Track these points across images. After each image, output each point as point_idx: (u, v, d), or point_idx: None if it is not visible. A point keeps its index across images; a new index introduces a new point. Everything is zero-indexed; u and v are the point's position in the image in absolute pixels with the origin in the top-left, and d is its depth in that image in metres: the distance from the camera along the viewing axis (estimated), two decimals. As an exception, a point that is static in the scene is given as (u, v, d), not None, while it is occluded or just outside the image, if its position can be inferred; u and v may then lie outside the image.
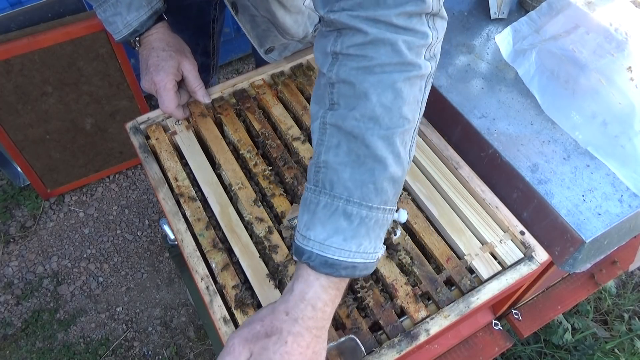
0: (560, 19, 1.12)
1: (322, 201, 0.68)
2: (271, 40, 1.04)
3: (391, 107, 0.67)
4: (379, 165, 0.67)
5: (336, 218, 0.67)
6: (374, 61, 0.66)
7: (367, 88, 0.66)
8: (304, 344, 0.67)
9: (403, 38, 0.66)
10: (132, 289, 2.04)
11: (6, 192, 2.23)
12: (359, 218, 0.67)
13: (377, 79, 0.66)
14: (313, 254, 0.68)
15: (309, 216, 0.69)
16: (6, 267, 2.06)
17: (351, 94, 0.67)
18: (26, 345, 1.90)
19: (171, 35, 1.07)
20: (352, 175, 0.67)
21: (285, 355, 0.66)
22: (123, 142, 2.13)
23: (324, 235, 0.67)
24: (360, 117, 0.67)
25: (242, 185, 1.02)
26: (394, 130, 0.67)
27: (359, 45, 0.67)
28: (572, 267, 0.96)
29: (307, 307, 0.68)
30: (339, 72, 0.68)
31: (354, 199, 0.67)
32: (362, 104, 0.67)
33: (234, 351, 0.67)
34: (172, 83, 1.03)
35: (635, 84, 1.01)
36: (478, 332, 1.27)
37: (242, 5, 0.94)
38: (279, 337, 0.67)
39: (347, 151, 0.68)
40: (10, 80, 1.71)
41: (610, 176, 0.99)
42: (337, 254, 0.67)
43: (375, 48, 0.66)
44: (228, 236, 0.95)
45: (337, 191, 0.67)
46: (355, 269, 0.69)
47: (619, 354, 1.77)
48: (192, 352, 1.90)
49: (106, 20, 1.02)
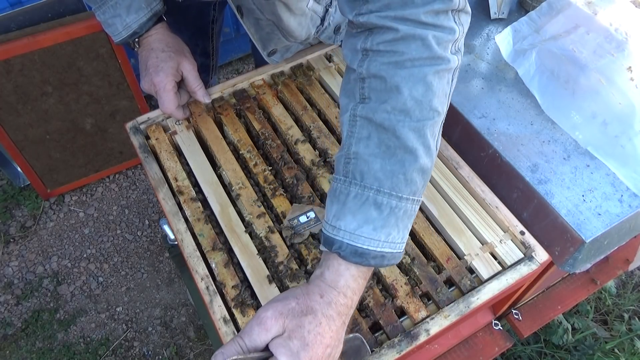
0: (560, 19, 1.12)
1: (352, 192, 0.69)
2: (274, 43, 1.06)
3: (422, 100, 0.68)
4: (410, 156, 0.69)
5: (366, 208, 0.68)
6: (405, 56, 0.68)
7: (399, 82, 0.68)
8: (334, 328, 0.68)
9: (432, 33, 0.68)
10: (132, 289, 2.04)
11: (6, 192, 2.23)
12: (389, 208, 0.68)
13: (408, 73, 0.68)
14: (343, 243, 0.69)
15: (339, 207, 0.70)
16: (6, 267, 2.06)
17: (382, 87, 0.69)
18: (26, 345, 1.90)
19: (170, 36, 1.07)
20: (383, 166, 0.68)
21: (318, 336, 0.66)
22: (123, 142, 2.13)
23: (354, 225, 0.68)
24: (392, 110, 0.68)
25: (242, 185, 1.02)
26: (425, 123, 0.69)
27: (389, 41, 0.69)
28: (572, 267, 0.96)
29: (340, 294, 0.70)
30: (370, 67, 0.70)
31: (384, 189, 0.68)
32: (394, 97, 0.68)
33: (265, 323, 0.66)
34: (171, 84, 1.03)
35: (635, 84, 1.01)
36: (478, 332, 1.27)
37: (248, 9, 0.96)
38: (314, 317, 0.67)
39: (377, 143, 0.69)
40: (10, 80, 1.71)
41: (610, 176, 0.99)
42: (367, 244, 0.68)
43: (406, 43, 0.68)
44: (228, 236, 0.95)
45: (367, 182, 0.69)
46: (383, 258, 0.70)
47: (619, 354, 1.77)
48: (192, 352, 1.90)
49: (105, 22, 1.03)
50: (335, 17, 1.10)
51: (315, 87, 1.18)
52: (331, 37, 1.16)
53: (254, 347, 0.66)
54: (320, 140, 1.09)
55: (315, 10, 1.04)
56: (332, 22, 1.10)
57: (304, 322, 0.67)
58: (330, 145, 1.08)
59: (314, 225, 0.96)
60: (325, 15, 1.07)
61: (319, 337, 0.67)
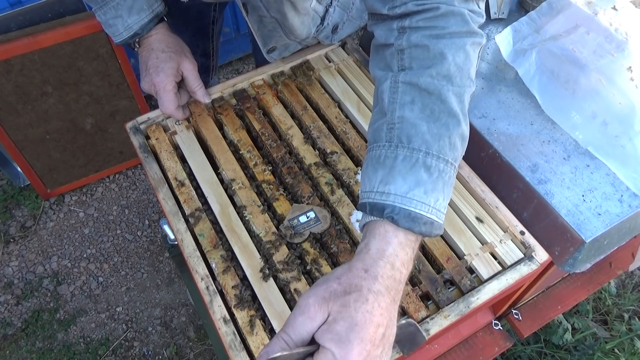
0: (560, 19, 1.12)
1: (400, 154, 0.68)
2: (275, 41, 1.07)
3: (462, 67, 0.72)
4: (453, 120, 0.70)
5: (417, 170, 0.68)
6: (445, 30, 0.72)
7: (442, 48, 0.71)
8: (383, 305, 0.62)
9: (467, 12, 0.73)
10: (132, 289, 2.04)
11: (6, 192, 2.23)
12: (438, 171, 0.68)
13: (450, 42, 0.72)
14: (396, 207, 0.66)
15: (386, 171, 0.68)
16: (6, 267, 2.06)
17: (425, 55, 0.72)
18: (26, 345, 1.90)
19: (171, 36, 1.07)
20: (430, 128, 0.69)
21: (366, 314, 0.59)
22: (123, 142, 2.13)
23: (405, 188, 0.67)
24: (436, 75, 0.70)
25: (242, 185, 1.02)
26: (464, 89, 0.72)
27: (429, 18, 0.72)
28: (572, 267, 0.96)
29: (387, 265, 0.64)
30: (410, 39, 0.73)
31: (432, 151, 0.68)
32: (438, 62, 0.71)
33: (308, 310, 0.60)
34: (172, 85, 1.04)
35: (635, 84, 1.01)
36: (478, 332, 1.27)
37: (253, 6, 0.98)
38: (359, 295, 0.60)
39: (422, 107, 0.70)
40: (10, 80, 1.71)
41: (610, 176, 0.99)
42: (418, 207, 0.66)
43: (446, 19, 0.72)
44: (228, 236, 0.95)
45: (415, 144, 0.68)
46: (432, 225, 0.68)
47: (619, 354, 1.77)
48: (192, 352, 1.90)
49: (106, 22, 1.02)
50: (334, 17, 1.11)
51: (315, 87, 1.18)
52: (329, 37, 1.17)
53: (300, 339, 0.60)
54: (320, 140, 1.09)
55: (317, 10, 1.05)
56: (331, 21, 1.11)
57: (349, 301, 0.60)
58: (330, 145, 1.08)
59: (314, 225, 0.96)
60: (325, 15, 1.08)
61: (367, 315, 0.60)
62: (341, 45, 1.26)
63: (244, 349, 0.82)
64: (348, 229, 0.97)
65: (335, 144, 1.09)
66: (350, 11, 1.13)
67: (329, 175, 1.04)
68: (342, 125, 1.12)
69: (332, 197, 1.01)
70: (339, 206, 0.99)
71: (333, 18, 1.11)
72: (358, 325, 0.59)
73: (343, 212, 0.98)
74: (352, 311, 0.59)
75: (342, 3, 1.09)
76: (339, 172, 1.05)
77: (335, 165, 1.06)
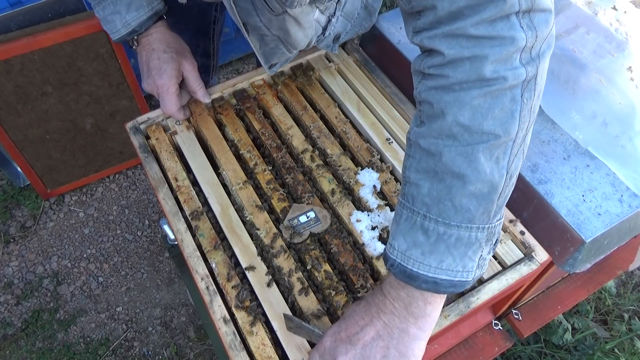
0: (560, 19, 1.12)
1: (404, 214, 0.71)
2: (277, 57, 1.06)
3: (469, 125, 0.65)
4: (458, 182, 0.66)
5: (415, 231, 0.69)
6: (451, 80, 0.65)
7: (444, 107, 0.66)
8: (376, 321, 0.73)
9: (484, 52, 0.62)
10: (132, 289, 2.03)
11: (6, 192, 2.23)
12: (436, 234, 0.68)
13: (453, 98, 0.65)
14: (395, 262, 0.71)
15: (395, 227, 0.72)
16: (6, 267, 2.06)
17: (431, 113, 0.68)
18: (26, 345, 1.90)
19: (171, 35, 1.06)
20: (430, 191, 0.68)
21: (353, 313, 0.76)
22: (123, 142, 2.13)
23: (404, 247, 0.70)
24: (438, 135, 0.67)
25: (242, 186, 1.02)
26: (475, 147, 0.65)
27: (437, 65, 0.66)
28: (572, 267, 0.96)
29: (381, 294, 0.74)
30: (421, 91, 0.70)
31: (431, 215, 0.68)
32: (439, 122, 0.67)
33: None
34: (174, 87, 1.04)
35: (635, 84, 1.01)
36: (478, 332, 1.27)
37: (253, 27, 0.95)
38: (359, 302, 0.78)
39: (425, 167, 0.69)
40: (10, 80, 1.71)
41: (610, 176, 0.99)
42: (416, 267, 0.69)
43: (453, 67, 0.65)
44: (228, 236, 0.95)
45: (417, 206, 0.69)
46: (438, 285, 0.69)
47: (619, 354, 1.77)
48: (192, 352, 1.90)
49: (104, 18, 1.02)
50: (336, 27, 1.09)
51: (315, 87, 1.18)
52: (329, 46, 1.15)
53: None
54: (320, 140, 1.09)
55: (319, 21, 1.03)
56: (333, 31, 1.09)
57: (353, 307, 0.77)
58: (330, 145, 1.08)
59: (314, 225, 0.96)
60: (327, 25, 1.07)
61: (352, 313, 0.76)
62: (341, 45, 1.26)
63: (244, 349, 0.82)
64: (348, 229, 0.97)
65: (335, 144, 1.09)
66: (354, 20, 1.11)
67: (329, 175, 1.04)
68: (342, 125, 1.12)
69: (332, 197, 1.01)
70: (339, 206, 0.99)
71: (336, 28, 1.09)
72: (345, 316, 0.77)
73: (343, 212, 0.98)
74: (347, 311, 0.78)
75: (345, 13, 1.07)
76: (339, 172, 1.05)
77: (335, 165, 1.06)
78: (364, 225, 0.96)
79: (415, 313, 0.71)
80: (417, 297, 0.71)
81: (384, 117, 1.13)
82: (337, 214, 0.99)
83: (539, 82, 0.67)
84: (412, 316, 0.71)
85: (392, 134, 1.11)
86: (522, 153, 0.69)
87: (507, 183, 0.68)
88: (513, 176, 0.69)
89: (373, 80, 1.20)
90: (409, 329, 0.72)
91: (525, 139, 0.68)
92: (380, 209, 0.99)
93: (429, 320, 0.72)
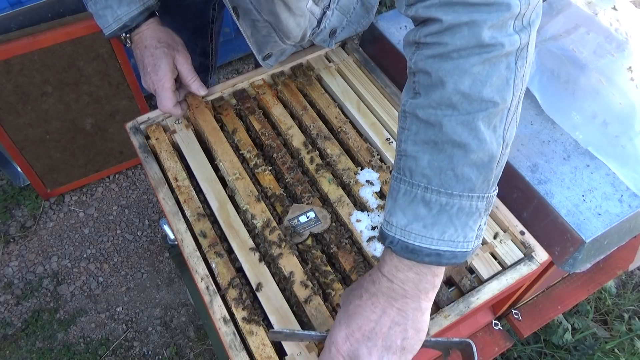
0: (560, 19, 1.12)
1: (402, 188, 0.70)
2: (270, 47, 1.05)
3: (469, 93, 0.65)
4: (459, 151, 0.66)
5: (415, 205, 0.68)
6: (449, 47, 0.65)
7: (443, 76, 0.65)
8: (377, 305, 0.71)
9: (481, 17, 0.63)
10: (132, 289, 2.03)
11: (6, 192, 2.23)
12: (439, 205, 0.67)
13: (453, 66, 0.65)
14: (395, 239, 0.69)
15: (392, 203, 0.71)
16: (6, 267, 2.06)
17: (428, 82, 0.67)
18: (26, 345, 1.90)
19: (162, 30, 1.05)
20: (431, 162, 0.67)
21: (357, 308, 0.72)
22: (123, 142, 2.13)
23: (404, 222, 0.69)
24: (437, 105, 0.66)
25: (239, 176, 1.02)
26: (475, 115, 0.65)
27: (435, 33, 0.66)
28: (572, 267, 0.96)
29: (383, 277, 0.71)
30: (417, 61, 0.69)
31: (432, 186, 0.67)
32: (439, 91, 0.66)
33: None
34: (170, 82, 1.03)
35: (635, 84, 1.01)
36: (478, 332, 1.27)
37: (244, 10, 0.94)
38: (358, 290, 0.74)
39: (424, 139, 0.68)
40: (10, 80, 1.71)
41: (610, 176, 0.99)
42: (418, 240, 0.68)
43: (451, 34, 0.65)
44: (226, 231, 0.96)
45: (416, 179, 0.68)
46: (440, 256, 0.68)
47: (619, 354, 1.77)
48: (192, 352, 1.90)
49: (96, 13, 1.02)
50: (331, 21, 1.08)
51: (315, 87, 1.18)
52: (326, 41, 1.14)
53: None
54: (320, 140, 1.09)
55: (313, 12, 1.03)
56: (328, 25, 1.08)
57: (350, 295, 0.74)
58: (330, 145, 1.08)
59: (314, 225, 0.96)
60: (322, 18, 1.06)
61: (358, 309, 0.71)
62: (341, 45, 1.26)
63: (244, 349, 0.82)
64: (348, 229, 0.97)
65: (335, 144, 1.09)
66: (350, 16, 1.10)
67: (329, 175, 1.04)
68: (342, 125, 1.12)
69: (332, 197, 1.01)
70: (339, 206, 0.99)
71: (331, 22, 1.08)
72: (350, 316, 0.72)
73: (343, 212, 0.98)
74: (348, 304, 0.73)
75: (341, 7, 1.06)
76: (339, 172, 1.05)
77: (335, 165, 1.06)
78: (364, 225, 0.96)
79: (426, 288, 0.71)
80: (426, 272, 0.70)
81: (384, 117, 1.13)
82: (337, 214, 0.99)
83: (530, 50, 0.68)
84: (422, 292, 0.71)
85: (392, 134, 1.11)
86: (515, 121, 0.70)
87: (503, 152, 0.69)
88: (508, 145, 0.70)
89: (373, 80, 1.20)
90: (421, 304, 0.71)
91: (517, 107, 0.69)
92: (380, 209, 0.99)
93: (436, 290, 0.72)
